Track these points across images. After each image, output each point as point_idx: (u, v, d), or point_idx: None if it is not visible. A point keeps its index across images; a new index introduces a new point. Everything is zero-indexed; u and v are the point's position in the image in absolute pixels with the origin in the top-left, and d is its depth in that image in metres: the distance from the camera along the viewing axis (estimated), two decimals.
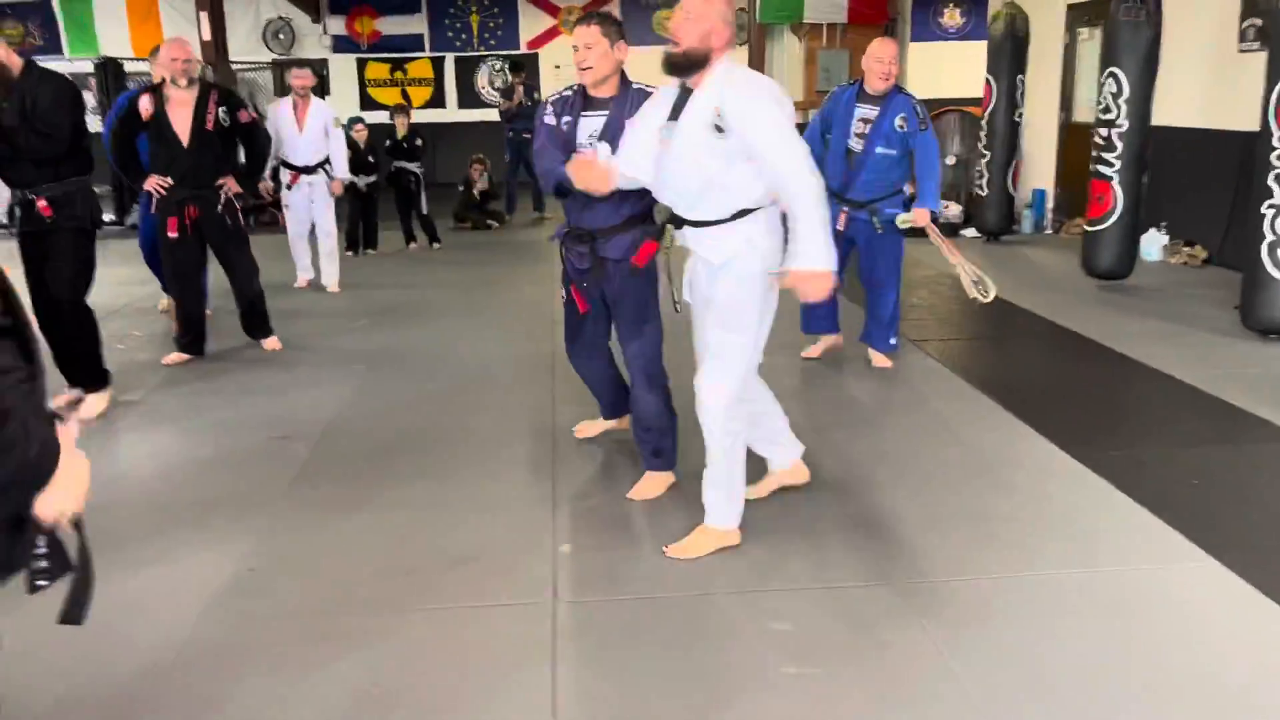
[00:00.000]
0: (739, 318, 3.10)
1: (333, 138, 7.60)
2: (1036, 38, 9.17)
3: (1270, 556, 3.09)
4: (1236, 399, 4.56)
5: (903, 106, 4.95)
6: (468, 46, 16.94)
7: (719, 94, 2.97)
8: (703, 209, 3.10)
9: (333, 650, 2.70)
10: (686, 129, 3.02)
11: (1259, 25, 7.33)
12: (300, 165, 7.51)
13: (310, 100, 7.54)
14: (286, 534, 3.45)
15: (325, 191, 7.59)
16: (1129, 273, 7.11)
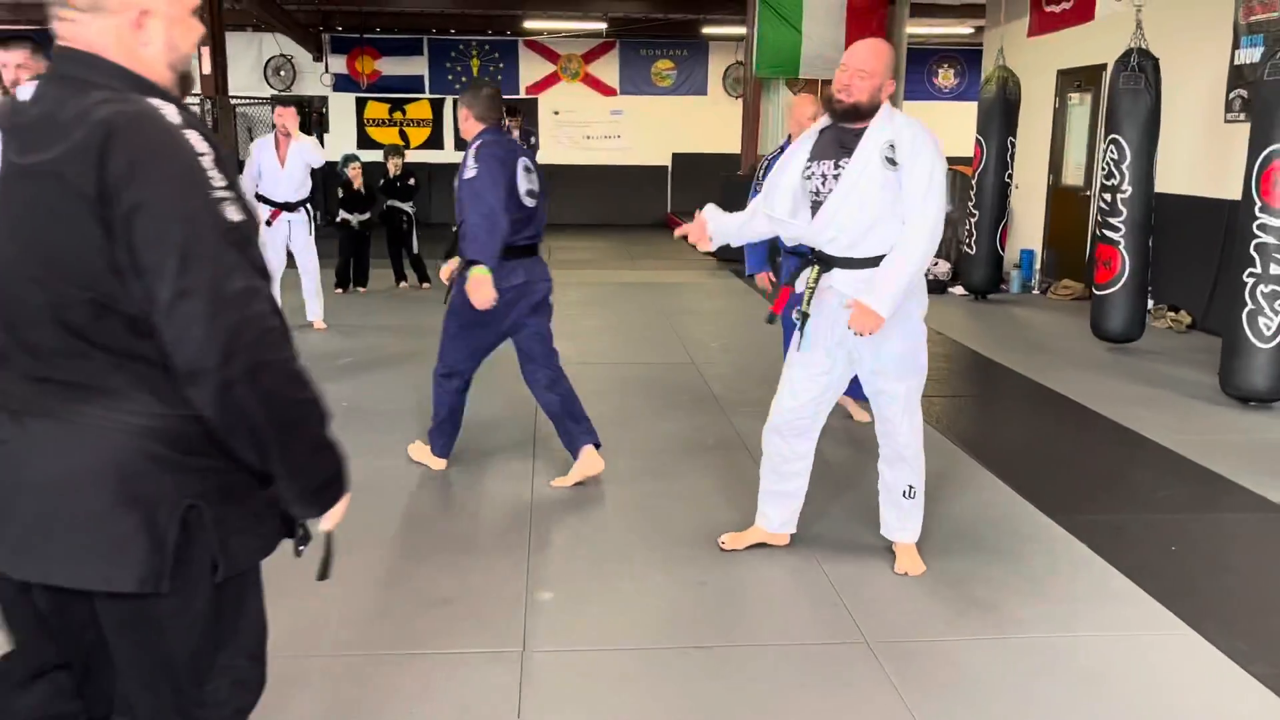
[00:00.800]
0: (916, 364, 3.32)
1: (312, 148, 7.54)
2: (1027, 101, 9.31)
3: (1245, 627, 3.07)
4: (1216, 465, 4.57)
5: None
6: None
7: (891, 129, 3.13)
8: (866, 245, 3.15)
9: (294, 694, 2.66)
10: (859, 163, 3.12)
11: (1244, 96, 7.46)
12: (280, 201, 7.40)
13: (292, 137, 7.44)
14: None
15: (305, 230, 7.50)
16: (1139, 335, 7.13)
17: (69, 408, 1.50)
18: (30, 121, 1.50)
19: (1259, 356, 5.54)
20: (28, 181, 1.48)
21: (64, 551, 1.50)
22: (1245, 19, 7.55)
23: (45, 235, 1.47)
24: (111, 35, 1.51)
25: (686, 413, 5.43)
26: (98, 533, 1.49)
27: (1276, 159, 5.41)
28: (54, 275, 1.48)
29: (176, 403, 1.49)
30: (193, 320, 1.41)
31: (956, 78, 17.66)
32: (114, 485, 1.49)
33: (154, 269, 1.41)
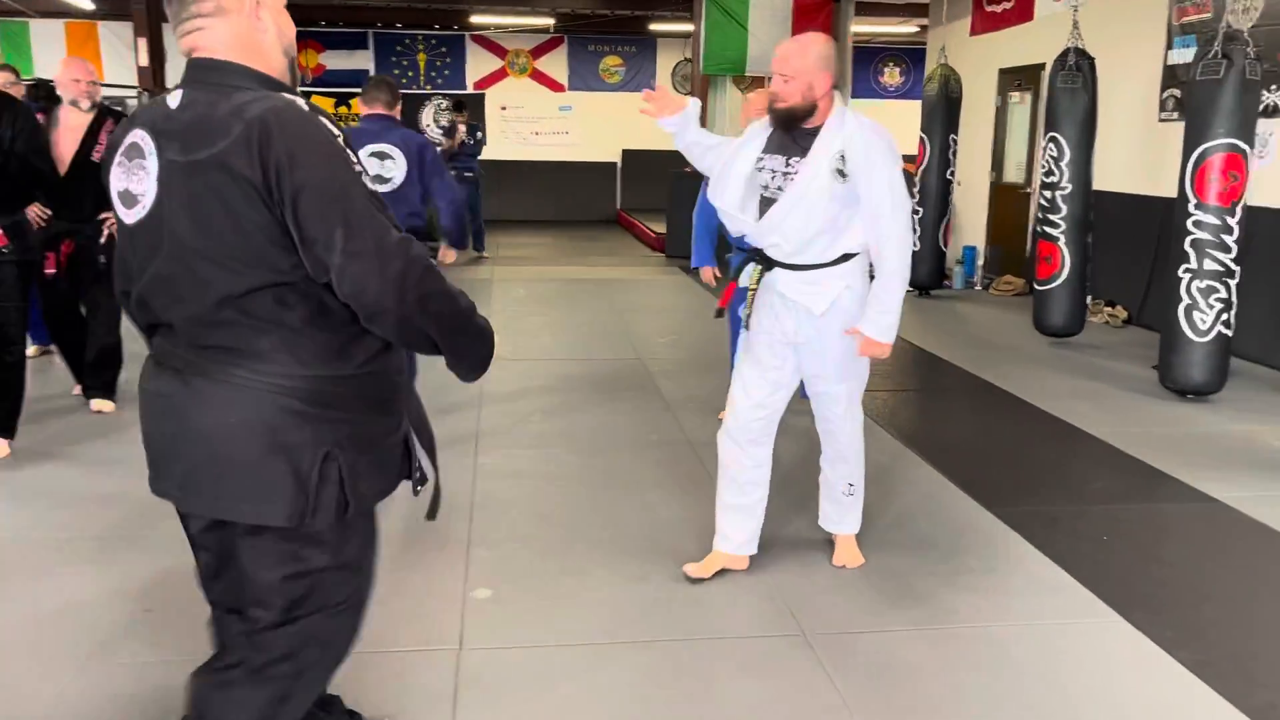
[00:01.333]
0: (857, 365, 3.27)
1: None
2: (969, 99, 9.43)
3: (1175, 616, 3.14)
4: (1150, 458, 4.66)
5: None
6: (414, 84, 16.95)
7: (842, 138, 3.01)
8: (809, 253, 3.10)
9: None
10: (808, 174, 3.02)
11: (1177, 96, 7.62)
12: None
13: None
14: (188, 575, 3.32)
15: None
16: (1079, 330, 7.24)
17: (223, 369, 1.76)
18: (186, 125, 1.74)
19: (1195, 350, 5.66)
20: (195, 174, 1.71)
21: (224, 491, 1.79)
22: (1178, 20, 7.71)
23: (216, 217, 1.71)
24: (235, 33, 1.79)
25: (631, 408, 5.42)
26: (252, 476, 1.77)
27: (1209, 157, 5.53)
28: (222, 253, 1.72)
29: (311, 365, 1.78)
30: (367, 275, 1.70)
31: (902, 76, 17.85)
32: (263, 436, 1.76)
33: (323, 240, 1.69)
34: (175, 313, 1.80)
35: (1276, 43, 6.61)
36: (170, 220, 1.75)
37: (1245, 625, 3.10)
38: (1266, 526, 3.87)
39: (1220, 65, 5.47)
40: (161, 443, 1.86)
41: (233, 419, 1.76)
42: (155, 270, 1.79)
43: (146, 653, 2.83)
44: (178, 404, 1.81)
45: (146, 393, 1.88)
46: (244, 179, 1.68)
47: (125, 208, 1.83)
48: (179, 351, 1.82)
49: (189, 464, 1.81)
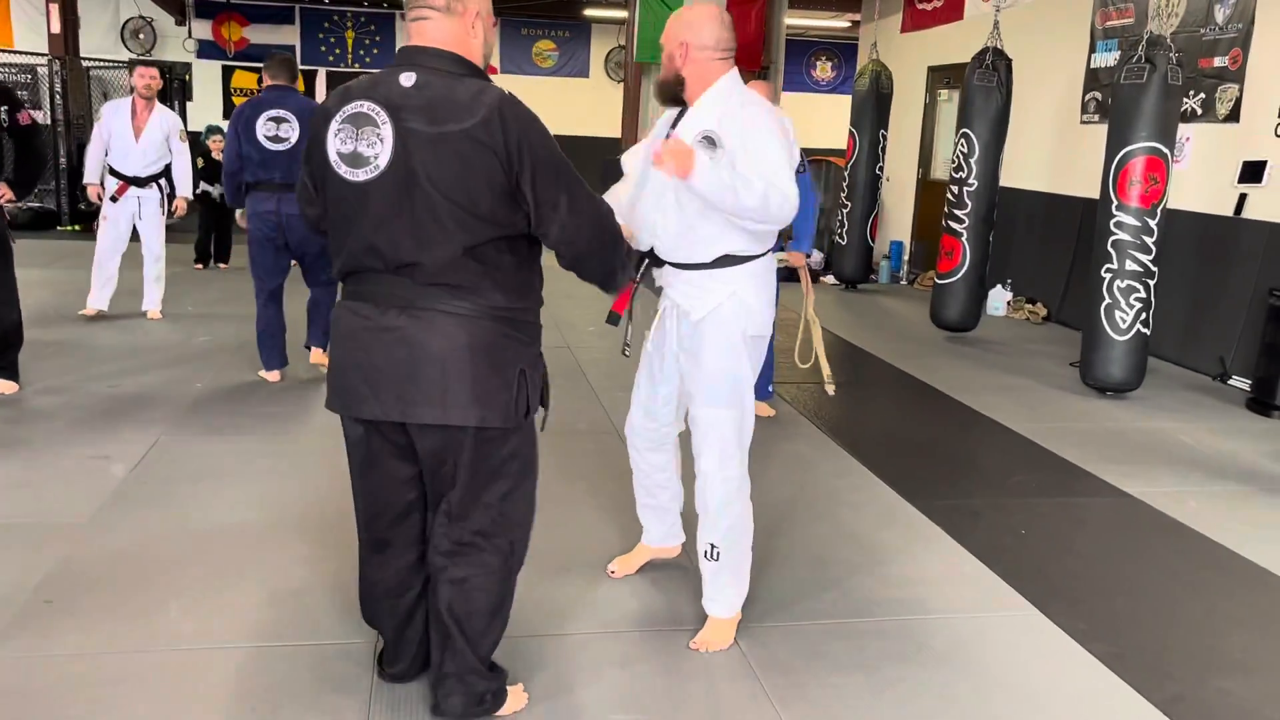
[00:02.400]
0: (729, 392, 2.79)
1: (177, 152, 6.81)
2: (899, 96, 9.52)
3: (1087, 608, 3.20)
4: (1067, 453, 4.76)
5: None
6: (341, 62, 16.62)
7: (717, 114, 2.69)
8: (688, 249, 2.75)
9: (124, 694, 2.50)
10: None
11: (1099, 99, 7.79)
12: (130, 175, 6.64)
13: (154, 105, 6.71)
14: (89, 563, 3.20)
15: (157, 209, 6.76)
16: (975, 325, 7.37)
17: (451, 303, 2.18)
18: (428, 101, 2.13)
19: (1115, 348, 5.80)
20: (444, 143, 2.11)
21: (454, 400, 2.19)
22: (1101, 24, 7.88)
23: (469, 180, 2.12)
24: (453, 31, 2.21)
25: (559, 396, 5.34)
26: (478, 388, 2.21)
27: (1132, 159, 5.66)
28: (472, 208, 2.14)
29: (512, 298, 2.25)
30: (582, 227, 2.26)
31: (834, 70, 18.02)
32: (485, 355, 2.21)
33: (551, 203, 2.19)
34: (421, 255, 2.15)
35: (1195, 49, 6.79)
36: (421, 179, 2.12)
37: (1156, 618, 3.17)
38: (1177, 522, 3.97)
39: (1144, 70, 5.60)
40: (388, 368, 2.20)
41: (461, 342, 2.18)
42: (401, 222, 2.14)
43: (43, 645, 2.70)
44: (409, 334, 2.18)
45: (368, 327, 2.22)
46: (490, 151, 2.11)
47: (352, 167, 2.17)
48: (403, 291, 2.19)
49: (421, 382, 2.18)
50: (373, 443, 2.34)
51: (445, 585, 2.34)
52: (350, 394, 2.27)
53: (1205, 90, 6.77)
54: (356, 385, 2.24)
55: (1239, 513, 4.12)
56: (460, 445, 2.26)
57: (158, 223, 6.80)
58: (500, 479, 2.32)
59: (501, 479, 2.32)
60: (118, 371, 5.49)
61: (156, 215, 6.78)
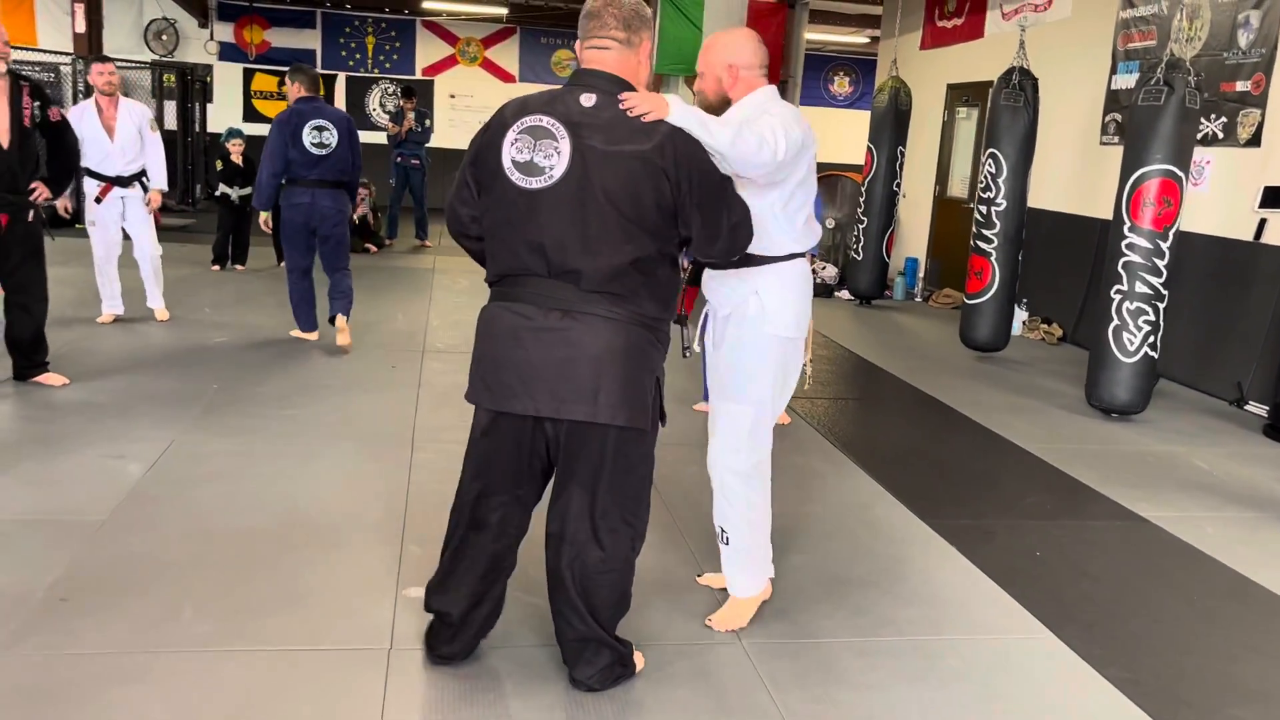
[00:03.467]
0: (742, 386, 2.88)
1: (149, 143, 6.61)
2: (917, 112, 9.52)
3: (1102, 632, 3.18)
4: (1081, 475, 4.74)
5: None
6: (361, 67, 16.70)
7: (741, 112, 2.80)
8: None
9: (139, 694, 2.50)
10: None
11: (1119, 120, 7.78)
12: (111, 176, 6.47)
13: (118, 100, 6.50)
14: (105, 563, 3.21)
15: (142, 207, 6.61)
16: (1005, 345, 7.33)
17: (609, 309, 2.37)
18: (607, 122, 2.36)
19: (1122, 370, 5.78)
20: (620, 160, 2.33)
21: (610, 400, 2.37)
22: (1122, 46, 7.87)
23: (636, 194, 2.33)
24: (625, 61, 2.47)
25: None
26: (631, 389, 2.40)
27: (1146, 181, 5.64)
28: (642, 223, 2.36)
29: (661, 310, 2.48)
30: (741, 236, 2.53)
31: (851, 86, 18.03)
32: (637, 359, 2.41)
33: (715, 219, 2.45)
34: (588, 262, 2.35)
35: (1217, 73, 6.78)
36: (596, 192, 2.32)
37: (1172, 644, 3.15)
38: (1193, 547, 3.95)
39: (1162, 92, 5.58)
40: (545, 367, 2.37)
41: (618, 345, 2.37)
42: (572, 230, 2.34)
43: (57, 644, 2.71)
44: (571, 336, 2.36)
45: (530, 327, 2.39)
46: (662, 173, 2.33)
47: (526, 175, 2.36)
48: (565, 295, 2.37)
49: (576, 382, 2.36)
50: (508, 434, 2.50)
51: (575, 567, 2.51)
52: (502, 389, 2.44)
53: (1227, 114, 6.76)
54: (510, 381, 2.42)
55: (1255, 539, 4.09)
56: (605, 441, 2.44)
57: (146, 220, 6.67)
58: (634, 475, 2.52)
59: (635, 475, 2.52)
60: (134, 372, 5.51)
61: (143, 213, 6.65)
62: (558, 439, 2.48)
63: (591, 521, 2.50)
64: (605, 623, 2.58)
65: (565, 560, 2.53)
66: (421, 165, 11.47)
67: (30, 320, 5.03)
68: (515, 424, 2.48)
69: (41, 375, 5.10)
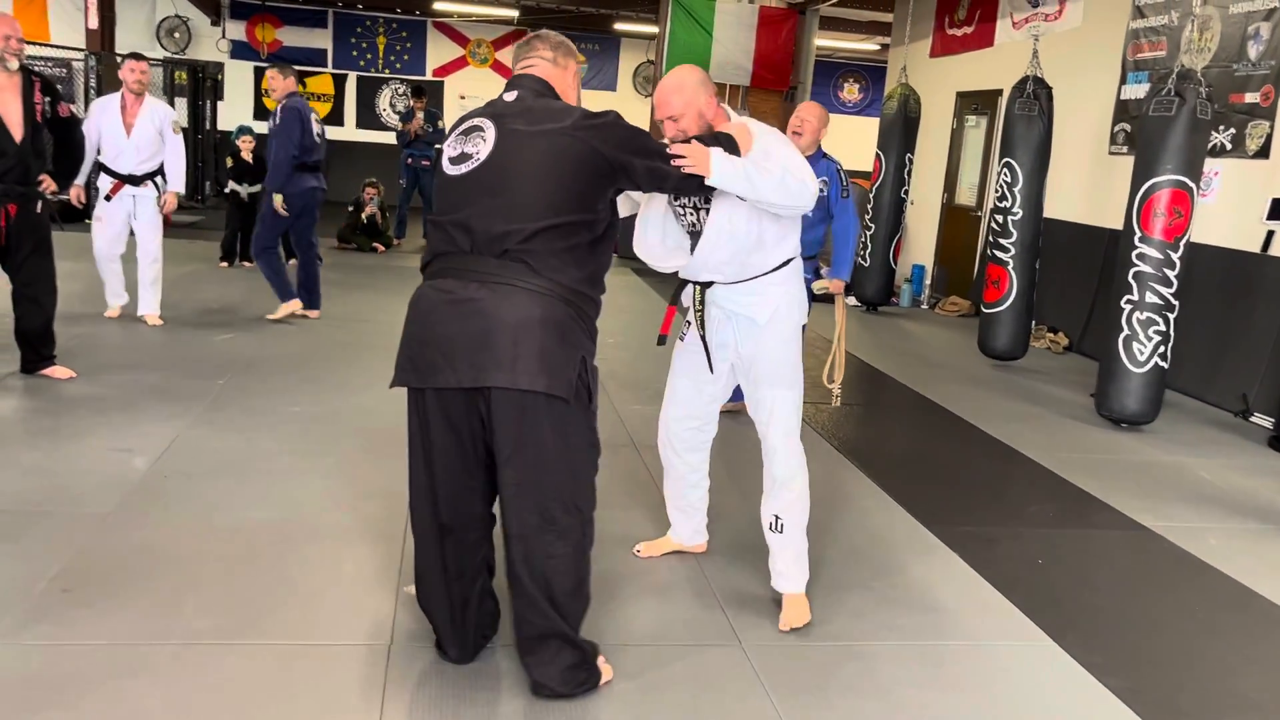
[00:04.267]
0: (793, 373, 3.15)
1: (170, 144, 6.53)
2: (926, 120, 9.52)
3: (1104, 641, 3.17)
4: (1085, 484, 4.73)
5: (825, 171, 4.92)
6: (372, 67, 16.75)
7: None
8: (748, 269, 3.05)
9: (139, 687, 2.51)
10: (722, 209, 2.94)
11: (1128, 130, 7.77)
12: (124, 174, 6.39)
13: (145, 99, 6.45)
14: (108, 555, 3.22)
15: (153, 207, 6.51)
16: (1023, 354, 7.32)
17: (527, 279, 2.40)
18: (528, 108, 2.52)
19: (1132, 380, 5.76)
20: (541, 138, 2.46)
21: (523, 369, 2.37)
22: (1132, 56, 7.87)
23: (557, 164, 2.44)
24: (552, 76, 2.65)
25: None
26: (549, 358, 2.39)
27: (1156, 191, 5.64)
28: (560, 191, 2.44)
29: (584, 285, 2.50)
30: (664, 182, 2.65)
31: (861, 93, 18.04)
32: (556, 329, 2.42)
33: (647, 155, 2.55)
34: (505, 228, 2.40)
35: (1227, 84, 6.77)
36: (519, 164, 2.43)
37: (1173, 655, 3.15)
38: (1196, 558, 3.94)
39: (1173, 103, 5.58)
40: (463, 338, 2.40)
41: (535, 316, 2.38)
42: (494, 201, 2.42)
43: (59, 635, 2.72)
44: (486, 306, 2.38)
45: (449, 300, 2.42)
46: (587, 144, 2.45)
47: (456, 165, 2.50)
48: (483, 267, 2.42)
49: (494, 350, 2.37)
50: (441, 416, 2.50)
51: (529, 558, 2.48)
52: (426, 367, 2.46)
53: (1236, 125, 6.75)
54: (433, 358, 2.44)
55: (1259, 551, 4.08)
56: (530, 413, 2.41)
57: (155, 222, 6.55)
58: (571, 454, 2.49)
59: (571, 454, 2.49)
60: (140, 367, 5.53)
61: (153, 214, 6.53)
62: (488, 416, 2.44)
63: (536, 507, 2.46)
64: (566, 614, 2.53)
65: (518, 555, 2.49)
66: (432, 166, 11.50)
67: (40, 312, 5.06)
68: (446, 402, 2.47)
69: (48, 368, 5.12)
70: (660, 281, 10.24)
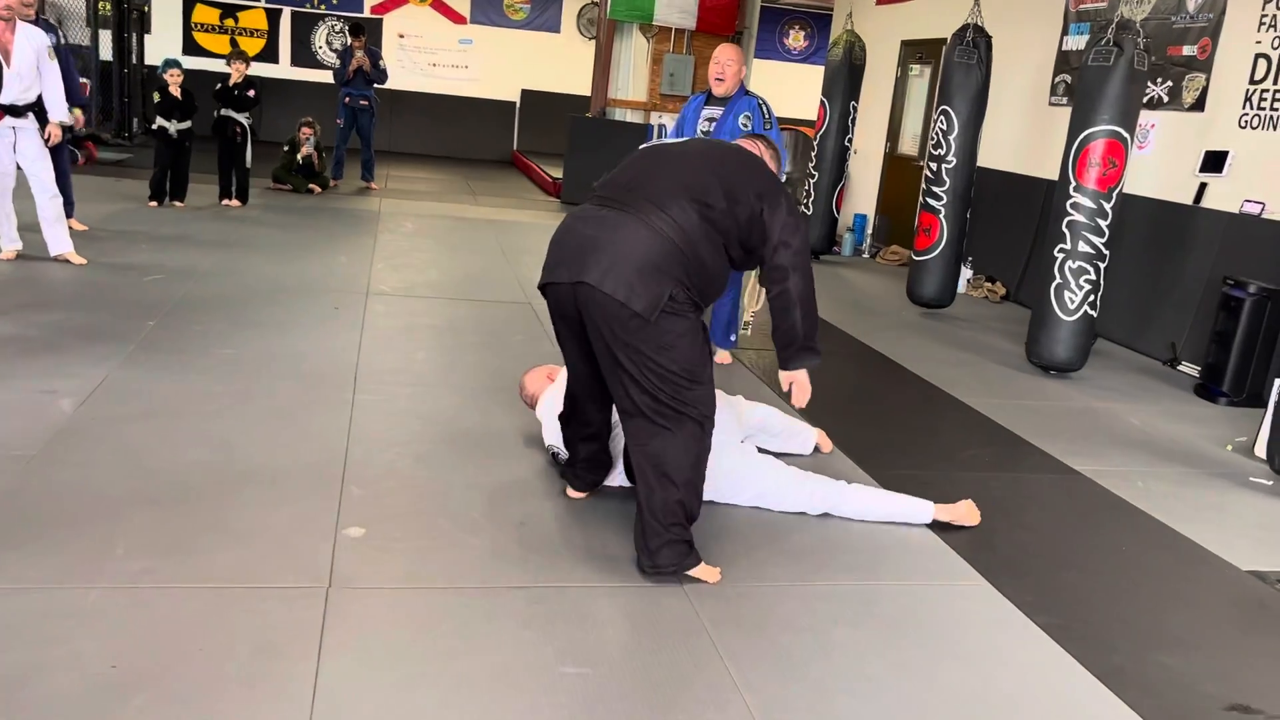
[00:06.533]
0: None
1: (46, 72, 6.13)
2: (871, 68, 9.51)
3: (1035, 581, 3.25)
4: (1019, 429, 4.82)
5: (747, 106, 5.09)
6: (307, 2, 16.23)
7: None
8: None
9: (68, 630, 2.45)
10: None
11: (1068, 81, 7.83)
12: (5, 104, 5.98)
13: (15, 24, 5.99)
14: (35, 497, 3.13)
15: (38, 140, 6.15)
16: (950, 302, 7.42)
17: (648, 220, 2.85)
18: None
19: (1062, 328, 5.87)
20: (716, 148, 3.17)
21: (625, 283, 2.80)
22: (1074, 7, 7.91)
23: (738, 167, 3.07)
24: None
25: (518, 352, 5.33)
26: (640, 280, 2.81)
27: (1092, 141, 5.70)
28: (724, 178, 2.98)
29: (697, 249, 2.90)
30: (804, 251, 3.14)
31: (806, 40, 17.93)
32: (656, 260, 2.83)
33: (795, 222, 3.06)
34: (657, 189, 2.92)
35: (1164, 37, 6.85)
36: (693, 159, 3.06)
37: (1102, 593, 3.24)
38: (1125, 500, 4.05)
39: (1111, 53, 5.62)
40: (595, 244, 2.86)
41: (644, 244, 2.83)
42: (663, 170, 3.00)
43: None
44: (612, 224, 2.87)
45: (581, 217, 3.00)
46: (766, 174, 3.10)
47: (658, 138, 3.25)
48: (629, 200, 2.91)
49: (607, 261, 2.81)
50: (556, 306, 3.02)
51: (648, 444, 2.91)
52: (561, 264, 2.93)
53: (1173, 78, 6.84)
54: (557, 260, 2.95)
55: (1184, 494, 4.21)
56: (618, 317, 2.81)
57: (41, 154, 6.19)
58: (667, 351, 2.84)
59: (669, 351, 2.85)
60: (67, 307, 5.36)
61: (38, 146, 6.16)
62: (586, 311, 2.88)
63: (653, 397, 2.87)
64: (682, 502, 2.94)
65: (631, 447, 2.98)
66: (370, 106, 11.22)
67: None
68: (558, 295, 2.97)
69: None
70: None
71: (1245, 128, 6.30)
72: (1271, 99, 6.11)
